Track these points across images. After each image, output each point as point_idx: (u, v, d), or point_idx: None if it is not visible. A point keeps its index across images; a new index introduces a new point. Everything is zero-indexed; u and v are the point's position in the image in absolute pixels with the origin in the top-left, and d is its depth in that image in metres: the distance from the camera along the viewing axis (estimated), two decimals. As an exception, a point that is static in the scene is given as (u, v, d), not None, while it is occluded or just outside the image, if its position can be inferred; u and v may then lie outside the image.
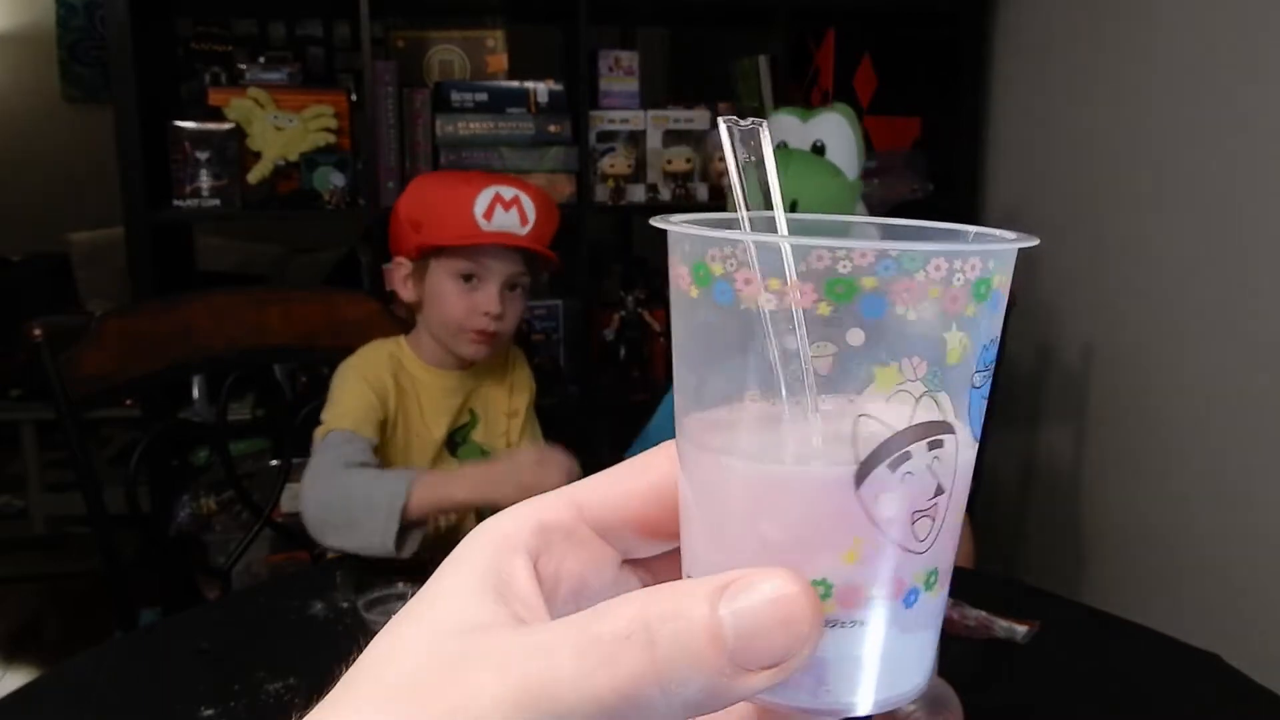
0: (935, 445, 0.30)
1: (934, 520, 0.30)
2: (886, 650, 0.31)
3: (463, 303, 1.42)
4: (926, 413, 0.30)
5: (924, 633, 0.32)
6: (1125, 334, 1.86)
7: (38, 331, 1.37)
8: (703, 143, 2.22)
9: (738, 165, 0.31)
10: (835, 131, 1.74)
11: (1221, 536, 1.64)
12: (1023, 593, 1.25)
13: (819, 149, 1.75)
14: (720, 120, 0.31)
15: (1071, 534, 2.02)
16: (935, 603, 0.32)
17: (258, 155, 2.00)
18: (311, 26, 3.81)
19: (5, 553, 3.14)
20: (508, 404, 1.54)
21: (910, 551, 0.30)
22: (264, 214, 2.16)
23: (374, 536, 1.24)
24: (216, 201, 1.98)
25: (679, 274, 0.31)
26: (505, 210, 1.41)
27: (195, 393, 2.23)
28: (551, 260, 1.49)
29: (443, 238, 1.41)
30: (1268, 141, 1.55)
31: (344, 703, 0.28)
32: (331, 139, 2.03)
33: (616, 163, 2.18)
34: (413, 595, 0.30)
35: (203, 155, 1.95)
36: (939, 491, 0.30)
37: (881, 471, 0.29)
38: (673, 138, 2.21)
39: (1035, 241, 0.31)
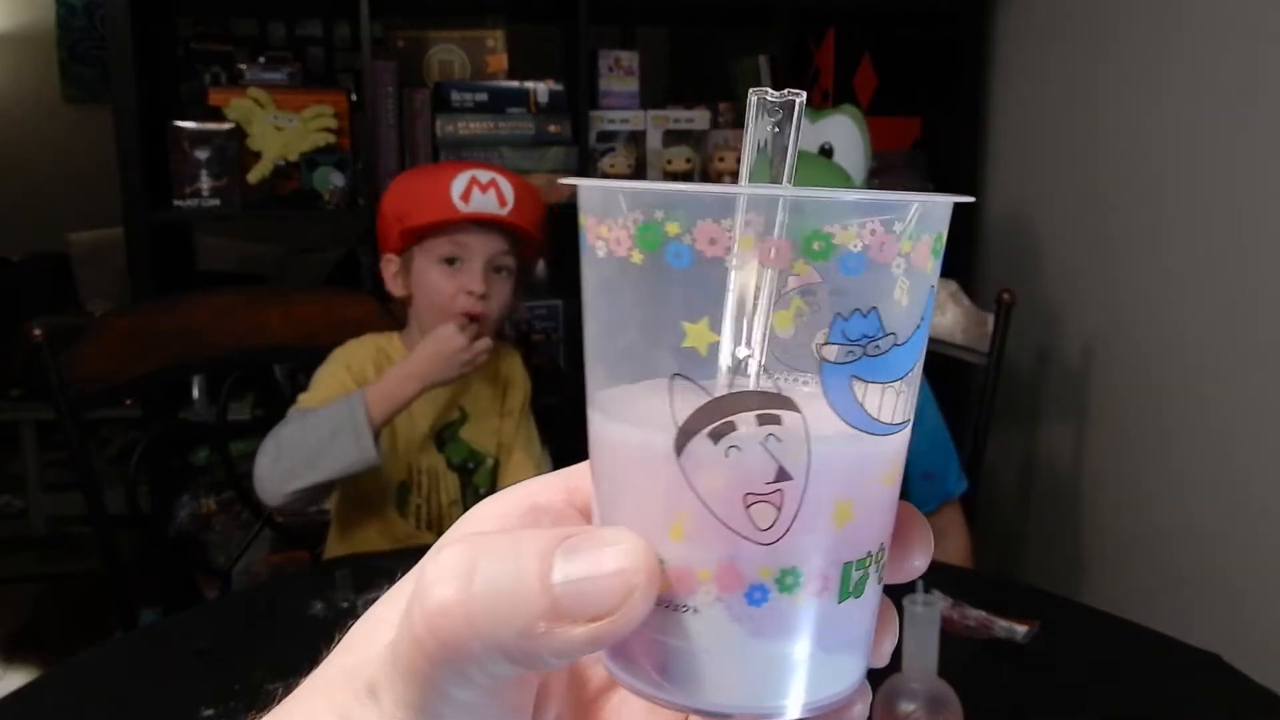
0: (768, 421, 0.27)
1: (778, 509, 0.27)
2: (734, 652, 0.28)
3: (447, 285, 1.44)
4: (754, 382, 0.27)
5: (791, 644, 0.28)
6: (1125, 334, 1.86)
7: (38, 331, 1.37)
8: (703, 143, 2.22)
9: (754, 138, 0.29)
10: (843, 134, 1.75)
11: (1222, 537, 1.64)
12: (1023, 593, 1.25)
13: (827, 151, 1.75)
14: (751, 92, 0.29)
15: (1071, 534, 2.02)
16: (800, 610, 0.28)
17: (258, 155, 2.00)
18: (311, 26, 3.81)
19: (5, 553, 3.14)
20: (500, 403, 1.54)
21: (747, 540, 0.27)
22: (264, 214, 2.16)
23: (348, 455, 1.31)
24: (216, 201, 1.97)
25: (617, 237, 0.28)
26: (483, 192, 1.42)
27: (195, 393, 2.23)
28: (535, 239, 1.49)
29: (422, 219, 1.43)
30: (1268, 141, 1.55)
31: (321, 679, 0.30)
32: (331, 139, 2.03)
33: (616, 163, 2.18)
34: None
35: (203, 155, 1.95)
36: (783, 476, 0.27)
37: (701, 441, 0.27)
38: (673, 138, 2.21)
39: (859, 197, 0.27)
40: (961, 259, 2.22)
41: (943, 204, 0.29)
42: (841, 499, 0.28)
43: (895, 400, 0.29)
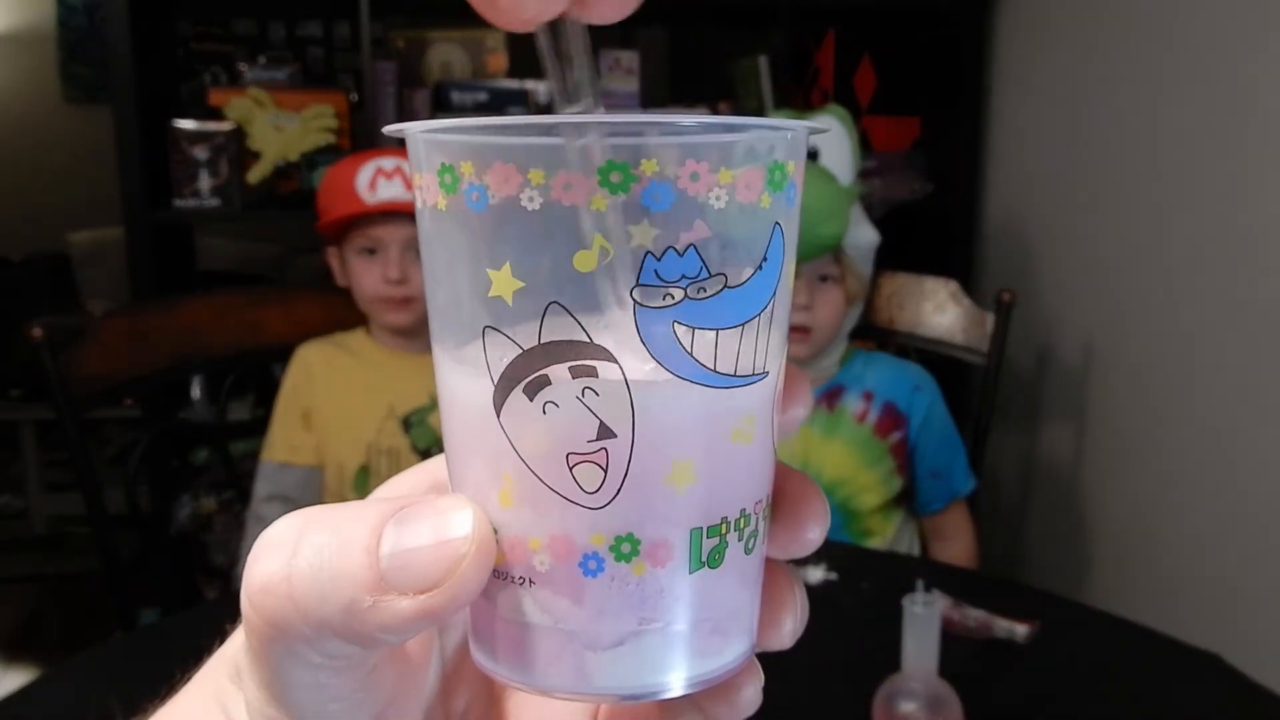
0: (582, 373, 0.25)
1: (604, 469, 0.25)
2: (574, 628, 0.26)
3: (369, 276, 1.49)
4: (564, 333, 0.25)
5: (636, 619, 0.26)
6: (1126, 334, 1.86)
7: (38, 331, 1.37)
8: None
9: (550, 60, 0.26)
10: (829, 136, 1.74)
11: (1222, 537, 1.64)
12: (1023, 593, 1.25)
13: (812, 154, 1.75)
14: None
15: (1071, 534, 2.02)
16: (641, 581, 0.25)
17: (258, 155, 2.00)
18: (311, 26, 3.81)
19: (5, 553, 3.13)
20: None
21: (575, 504, 0.25)
22: (264, 214, 2.16)
23: None
24: (216, 201, 1.98)
25: (427, 183, 0.26)
26: (388, 179, 1.46)
27: (195, 393, 2.23)
28: None
29: (334, 214, 1.48)
30: (1270, 141, 1.55)
31: (209, 663, 0.31)
32: (331, 139, 2.03)
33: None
34: None
35: (203, 155, 1.95)
36: (606, 434, 0.25)
37: (518, 397, 0.25)
38: (673, 138, 2.21)
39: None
40: (961, 259, 2.22)
41: (771, 128, 0.25)
42: (679, 457, 0.25)
43: (737, 347, 0.26)
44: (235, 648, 0.28)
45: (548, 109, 1.77)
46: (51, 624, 2.76)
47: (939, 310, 1.73)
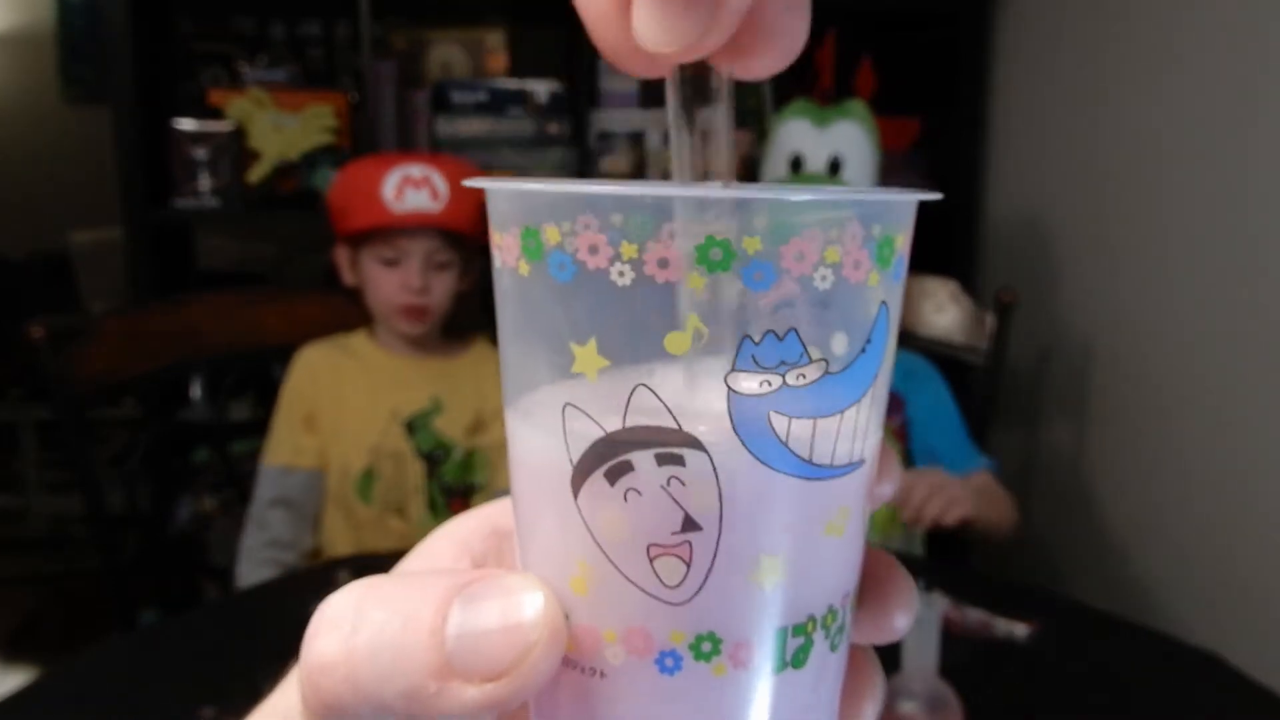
0: (667, 461, 0.23)
1: (687, 564, 0.23)
2: None
3: (388, 283, 1.47)
4: (651, 417, 0.23)
5: (710, 718, 0.24)
6: (1127, 334, 1.86)
7: (38, 331, 1.37)
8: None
9: (679, 117, 0.25)
10: (853, 144, 1.71)
11: (1223, 537, 1.64)
12: (1023, 593, 1.25)
13: (835, 162, 1.72)
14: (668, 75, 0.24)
15: (1072, 534, 2.02)
16: (721, 682, 0.24)
17: (258, 155, 2.00)
18: (311, 26, 3.80)
19: (5, 553, 3.13)
20: (477, 400, 1.54)
21: (655, 598, 0.24)
22: (264, 214, 2.16)
23: None
24: (216, 201, 1.98)
25: (507, 244, 0.24)
26: (416, 189, 1.44)
27: (195, 393, 2.23)
28: (469, 236, 1.50)
29: (358, 224, 1.46)
30: (1273, 140, 1.55)
31: (259, 716, 0.28)
32: (331, 139, 2.03)
33: (617, 163, 2.18)
34: None
35: (203, 155, 1.95)
36: (691, 526, 0.23)
37: (598, 481, 0.23)
38: (673, 138, 2.20)
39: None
40: (962, 259, 2.22)
41: (881, 204, 0.24)
42: (768, 553, 0.24)
43: (836, 437, 0.24)
44: (288, 705, 0.27)
45: (549, 108, 1.77)
46: (51, 624, 2.76)
47: (939, 310, 1.73)
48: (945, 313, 1.72)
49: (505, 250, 0.25)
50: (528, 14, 2.48)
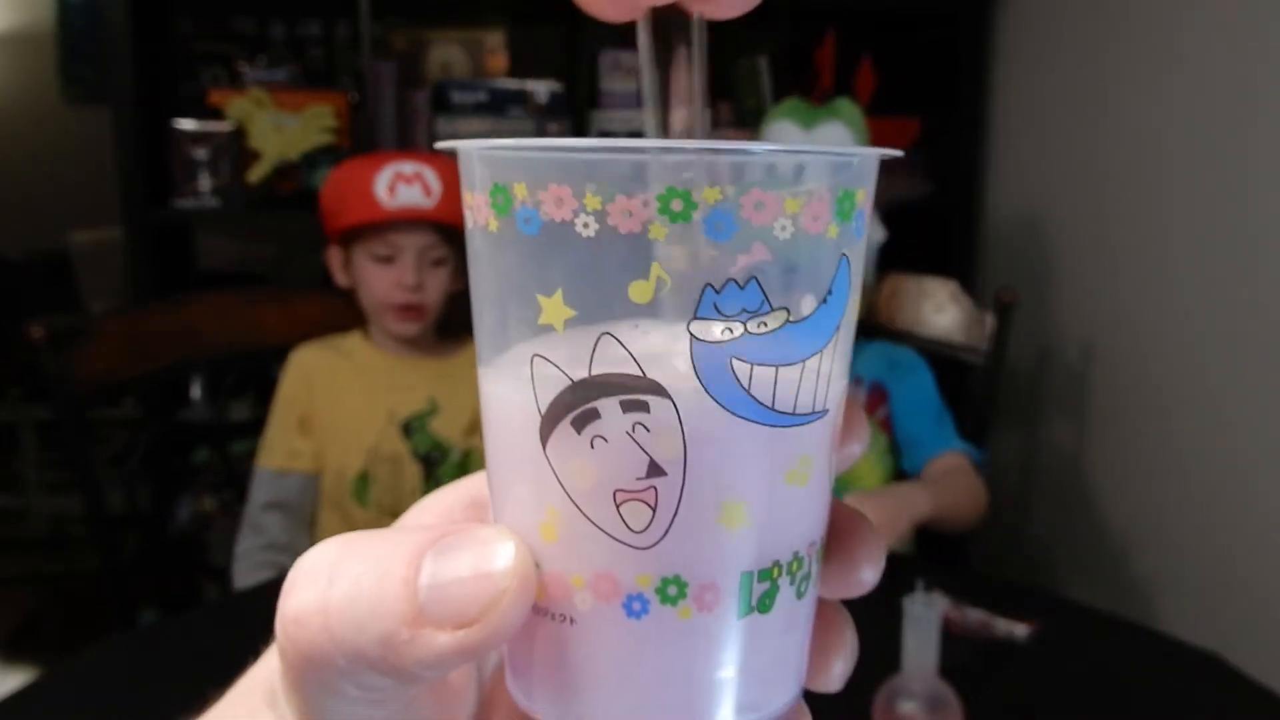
0: (632, 408, 0.24)
1: (653, 508, 0.24)
2: (620, 670, 0.25)
3: (381, 281, 1.46)
4: (617, 365, 0.24)
5: (681, 664, 0.25)
6: (1127, 334, 1.86)
7: (38, 331, 1.37)
8: (703, 143, 2.22)
9: (651, 60, 0.25)
10: (836, 137, 1.73)
11: (1223, 537, 1.64)
12: (1023, 593, 1.25)
13: None
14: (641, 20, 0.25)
15: (1071, 534, 2.02)
16: (688, 626, 0.24)
17: (258, 155, 2.00)
18: (311, 26, 3.80)
19: (5, 553, 3.13)
20: (475, 400, 1.54)
21: (621, 543, 0.24)
22: (264, 214, 2.16)
23: None
24: (216, 201, 1.98)
25: (478, 203, 0.25)
26: (408, 184, 1.43)
27: (195, 393, 2.23)
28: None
29: (350, 220, 1.45)
30: (1273, 140, 1.55)
31: (243, 682, 0.30)
32: (331, 139, 2.03)
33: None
34: None
35: (203, 155, 1.95)
36: (656, 472, 0.24)
37: (565, 430, 0.24)
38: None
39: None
40: (962, 259, 2.22)
41: (842, 158, 0.24)
42: (731, 498, 0.24)
43: (797, 385, 0.24)
44: (270, 670, 0.27)
45: (549, 108, 1.77)
46: (51, 624, 2.76)
47: (939, 310, 1.73)
48: (945, 313, 1.72)
49: (476, 210, 0.25)
50: (528, 14, 2.48)
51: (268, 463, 1.48)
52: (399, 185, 1.43)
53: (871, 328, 1.75)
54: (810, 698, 0.29)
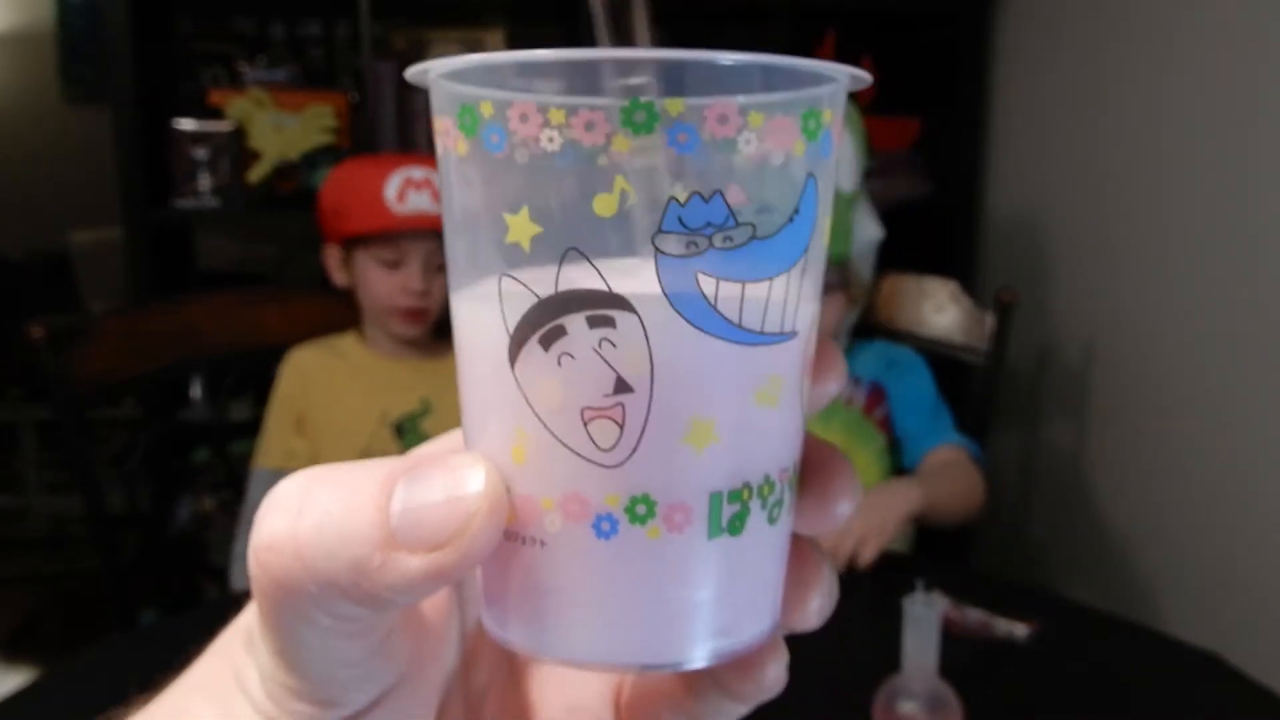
0: (598, 323, 0.23)
1: (620, 426, 0.24)
2: (590, 593, 0.25)
3: (386, 285, 1.45)
4: (582, 280, 0.23)
5: (649, 586, 0.25)
6: (1127, 334, 1.86)
7: (38, 331, 1.37)
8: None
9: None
10: (840, 144, 1.74)
11: (1223, 537, 1.64)
12: (1023, 593, 1.25)
13: None
14: None
15: (1071, 534, 2.02)
16: (656, 545, 0.24)
17: (258, 155, 2.00)
18: (311, 26, 3.80)
19: (5, 553, 3.13)
20: None
21: (590, 462, 0.24)
22: (264, 214, 2.16)
23: None
24: (216, 201, 1.98)
25: (446, 128, 0.25)
26: (417, 190, 1.43)
27: (195, 393, 2.23)
28: None
29: (359, 226, 1.45)
30: (1273, 140, 1.55)
31: (224, 633, 0.31)
32: (331, 139, 2.03)
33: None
34: None
35: (203, 155, 1.95)
36: (623, 388, 0.24)
37: (533, 348, 0.24)
38: (673, 138, 2.20)
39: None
40: (962, 259, 2.22)
41: (804, 74, 0.24)
42: (699, 416, 0.24)
43: (766, 305, 0.24)
44: (250, 617, 0.28)
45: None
46: (51, 624, 2.76)
47: (939, 310, 1.73)
48: (945, 313, 1.72)
49: (446, 135, 0.25)
50: (528, 14, 2.48)
51: (265, 463, 1.48)
52: (409, 191, 1.42)
53: (871, 328, 1.75)
54: (810, 697, 0.28)
